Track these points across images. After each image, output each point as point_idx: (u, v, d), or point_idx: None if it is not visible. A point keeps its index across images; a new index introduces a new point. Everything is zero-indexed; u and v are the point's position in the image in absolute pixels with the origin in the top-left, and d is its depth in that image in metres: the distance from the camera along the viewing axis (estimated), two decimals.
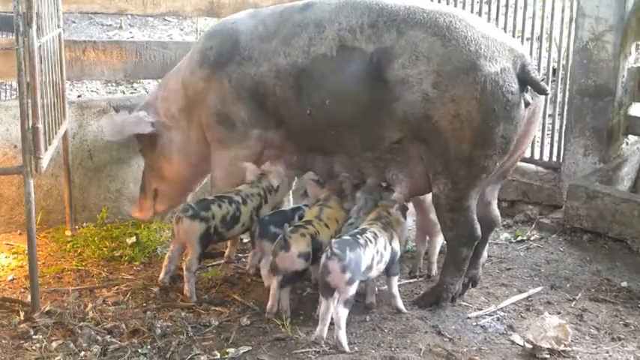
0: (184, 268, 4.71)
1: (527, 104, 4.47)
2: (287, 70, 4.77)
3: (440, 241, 5.07)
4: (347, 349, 4.10)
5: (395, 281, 4.60)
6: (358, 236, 4.30)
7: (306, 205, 5.03)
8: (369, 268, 4.29)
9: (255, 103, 4.93)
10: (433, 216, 4.84)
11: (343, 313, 4.12)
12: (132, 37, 10.95)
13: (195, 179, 5.58)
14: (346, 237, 4.31)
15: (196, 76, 5.13)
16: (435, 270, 5.15)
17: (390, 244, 4.48)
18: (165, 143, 5.42)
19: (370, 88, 4.54)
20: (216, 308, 4.61)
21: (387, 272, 4.53)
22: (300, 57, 4.74)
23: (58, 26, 5.33)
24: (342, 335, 4.11)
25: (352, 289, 4.13)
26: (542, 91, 4.51)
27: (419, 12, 4.54)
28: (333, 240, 4.18)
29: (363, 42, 4.57)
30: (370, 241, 4.30)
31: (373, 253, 4.30)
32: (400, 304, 4.60)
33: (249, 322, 4.43)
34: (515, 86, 4.37)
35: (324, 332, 4.16)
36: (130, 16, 11.06)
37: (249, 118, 4.98)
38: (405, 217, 4.65)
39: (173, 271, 4.87)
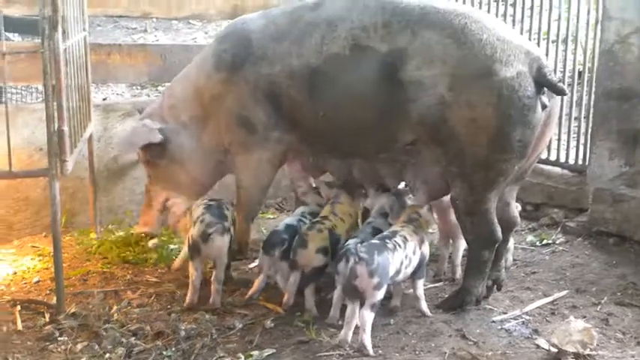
0: (214, 281, 4.65)
1: (544, 107, 4.41)
2: (300, 71, 4.70)
3: (463, 243, 5.02)
4: (371, 352, 4.08)
5: (420, 284, 4.59)
6: (387, 240, 4.28)
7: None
8: (397, 272, 4.29)
9: (272, 104, 4.84)
10: (454, 218, 4.82)
11: (369, 317, 4.09)
12: (156, 41, 11.02)
13: (210, 185, 5.39)
14: (375, 241, 4.30)
15: (213, 81, 4.99)
16: (459, 273, 5.12)
17: (420, 249, 4.47)
18: (176, 150, 5.17)
19: (384, 89, 4.48)
20: (240, 311, 4.61)
21: (413, 276, 4.51)
22: (312, 57, 4.66)
23: (84, 29, 5.37)
24: (367, 339, 4.09)
25: (380, 294, 4.11)
26: (559, 92, 4.46)
27: (433, 12, 4.48)
28: (361, 244, 4.16)
29: (377, 41, 4.50)
30: (399, 245, 4.28)
31: (402, 257, 4.29)
32: (425, 307, 4.58)
33: (273, 324, 4.44)
34: (531, 90, 4.32)
35: (348, 336, 4.14)
36: (154, 20, 11.12)
37: (268, 121, 4.88)
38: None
39: None
